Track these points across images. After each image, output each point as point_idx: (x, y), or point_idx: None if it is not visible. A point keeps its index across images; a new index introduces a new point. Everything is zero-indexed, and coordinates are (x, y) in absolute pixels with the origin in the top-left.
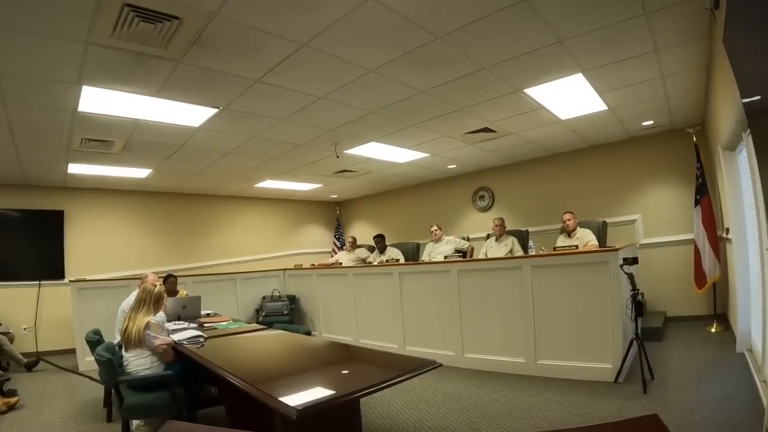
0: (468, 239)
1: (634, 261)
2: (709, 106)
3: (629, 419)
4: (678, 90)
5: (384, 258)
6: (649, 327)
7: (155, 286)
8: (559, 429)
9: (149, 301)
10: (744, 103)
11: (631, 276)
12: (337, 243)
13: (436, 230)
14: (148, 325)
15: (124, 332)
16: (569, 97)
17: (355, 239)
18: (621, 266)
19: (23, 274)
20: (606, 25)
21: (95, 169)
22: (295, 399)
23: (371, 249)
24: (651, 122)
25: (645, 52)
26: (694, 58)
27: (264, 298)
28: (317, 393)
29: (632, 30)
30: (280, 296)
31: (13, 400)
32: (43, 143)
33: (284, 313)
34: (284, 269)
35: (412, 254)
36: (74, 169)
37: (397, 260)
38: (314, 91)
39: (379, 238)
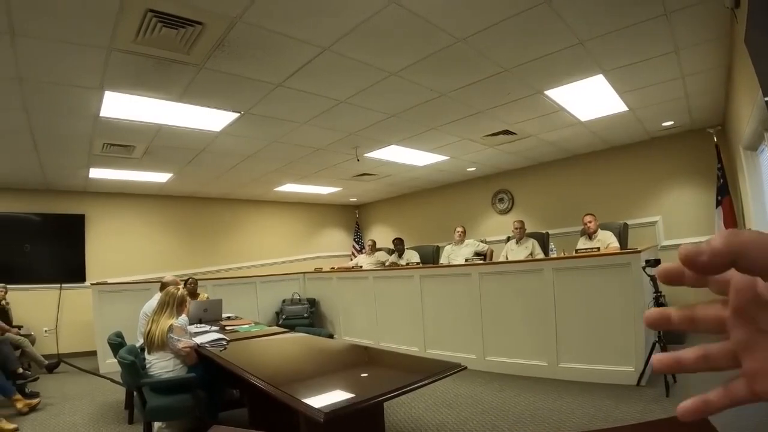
0: (485, 242)
1: (656, 263)
2: (729, 106)
3: (680, 421)
4: (698, 90)
5: (403, 261)
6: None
7: (178, 289)
8: (605, 428)
9: (172, 304)
10: (767, 102)
11: (653, 278)
12: (357, 246)
13: (461, 232)
14: (171, 328)
15: (147, 334)
16: (589, 99)
17: (374, 242)
18: (643, 268)
19: (45, 277)
20: (627, 26)
21: (116, 174)
22: (319, 401)
23: (390, 252)
24: (671, 123)
25: (665, 52)
26: (714, 57)
27: (284, 301)
28: (343, 395)
29: (653, 31)
30: (300, 299)
31: (34, 401)
32: (64, 148)
33: (304, 316)
34: (304, 272)
35: (431, 257)
36: (95, 173)
37: (417, 263)
38: (335, 94)
39: (398, 242)
